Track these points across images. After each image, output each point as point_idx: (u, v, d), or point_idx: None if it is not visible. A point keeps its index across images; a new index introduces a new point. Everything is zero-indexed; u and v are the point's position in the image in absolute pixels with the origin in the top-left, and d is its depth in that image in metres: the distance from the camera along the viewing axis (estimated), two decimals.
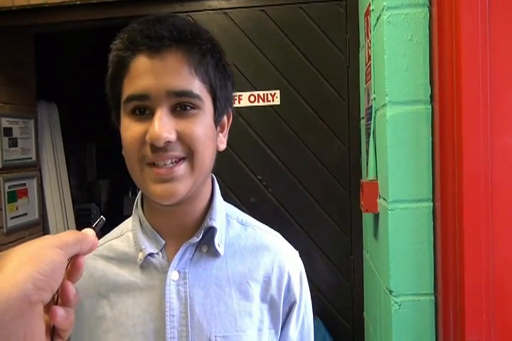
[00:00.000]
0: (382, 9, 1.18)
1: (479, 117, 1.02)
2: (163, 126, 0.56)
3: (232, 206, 0.73)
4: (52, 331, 0.39)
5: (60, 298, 0.40)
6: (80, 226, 3.24)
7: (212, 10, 1.88)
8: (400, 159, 1.16)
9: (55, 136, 2.95)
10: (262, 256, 0.68)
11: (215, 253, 0.66)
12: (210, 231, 0.66)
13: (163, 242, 0.65)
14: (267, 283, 0.67)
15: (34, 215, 2.58)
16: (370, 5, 1.39)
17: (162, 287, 0.63)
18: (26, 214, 2.50)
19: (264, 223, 0.74)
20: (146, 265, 0.65)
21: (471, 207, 1.01)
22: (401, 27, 1.17)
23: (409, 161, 1.15)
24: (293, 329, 0.70)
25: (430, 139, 1.15)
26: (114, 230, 0.73)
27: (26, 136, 2.54)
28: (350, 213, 1.73)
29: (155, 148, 0.57)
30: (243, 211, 0.74)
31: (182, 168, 0.58)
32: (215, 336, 0.63)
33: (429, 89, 1.15)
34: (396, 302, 1.13)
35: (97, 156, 4.26)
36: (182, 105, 0.58)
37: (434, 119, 1.14)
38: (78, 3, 1.94)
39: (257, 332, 0.65)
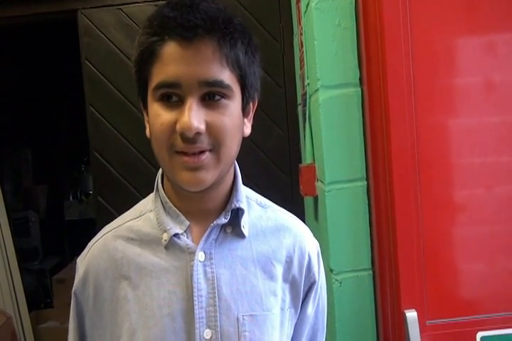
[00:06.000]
0: None
1: (404, 98, 1.07)
2: (194, 116, 0.56)
3: (249, 189, 0.74)
4: None
5: None
6: (17, 235, 3.02)
7: (144, 2, 1.83)
8: (333, 141, 1.19)
9: None
10: (283, 237, 0.70)
11: (239, 234, 0.67)
12: (236, 213, 0.67)
13: (188, 223, 0.65)
14: (289, 264, 0.69)
15: None
16: None
17: (188, 268, 0.64)
18: None
19: None
20: (170, 246, 0.65)
21: (400, 183, 1.06)
22: (329, 13, 1.19)
23: (342, 143, 1.19)
24: (310, 308, 0.72)
25: (361, 121, 1.19)
26: (129, 211, 0.72)
27: None
28: (292, 198, 1.76)
29: (185, 138, 0.57)
30: None
31: (208, 158, 0.59)
32: (243, 315, 0.64)
33: (358, 72, 1.19)
34: (337, 280, 1.17)
35: (33, 161, 4.05)
36: (212, 94, 0.58)
37: (364, 101, 1.18)
38: None
39: (280, 311, 0.67)
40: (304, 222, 1.88)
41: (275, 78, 1.77)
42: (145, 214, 0.69)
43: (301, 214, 1.76)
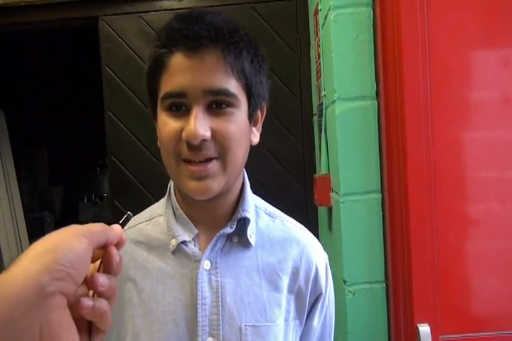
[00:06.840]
0: (329, 9, 1.22)
1: (420, 111, 1.08)
2: (200, 124, 0.57)
3: (259, 198, 0.75)
4: (90, 324, 0.38)
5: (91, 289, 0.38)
6: (32, 236, 3.07)
7: (164, 10, 1.86)
8: (349, 153, 1.20)
9: (3, 143, 2.83)
10: (290, 248, 0.69)
11: (245, 244, 0.67)
12: (242, 222, 0.67)
13: (197, 231, 0.66)
14: (295, 275, 0.68)
15: None
16: (318, 4, 1.43)
17: (193, 275, 0.64)
18: None
19: None
20: (177, 252, 0.65)
21: (415, 197, 1.06)
22: (347, 26, 1.21)
23: (358, 155, 1.20)
24: (316, 321, 0.72)
25: (377, 133, 1.20)
26: (141, 214, 0.73)
27: None
28: (305, 207, 1.76)
29: (191, 146, 0.58)
30: None
31: (214, 166, 0.60)
32: (245, 325, 0.64)
33: (375, 85, 1.20)
34: (350, 291, 1.17)
35: (49, 162, 4.11)
36: (218, 103, 0.59)
37: (380, 114, 1.19)
38: (39, 3, 1.86)
39: (284, 323, 0.67)
40: (318, 232, 1.89)
41: (291, 88, 1.78)
42: (155, 218, 0.69)
43: (314, 224, 1.76)
